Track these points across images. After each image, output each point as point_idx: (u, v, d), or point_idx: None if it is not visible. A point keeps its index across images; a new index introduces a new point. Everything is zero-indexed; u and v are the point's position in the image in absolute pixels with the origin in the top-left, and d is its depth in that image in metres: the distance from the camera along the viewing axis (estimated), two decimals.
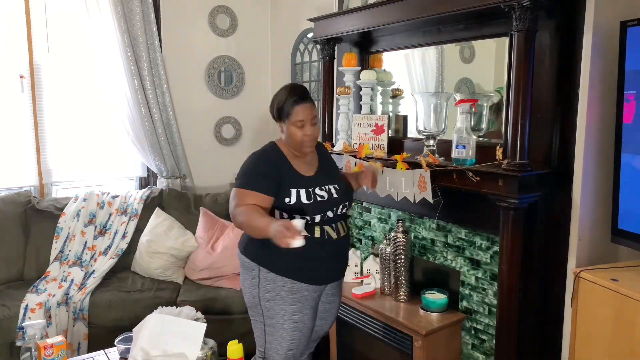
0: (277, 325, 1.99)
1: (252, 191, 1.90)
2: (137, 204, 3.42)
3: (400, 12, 2.36)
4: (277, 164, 1.98)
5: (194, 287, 3.13)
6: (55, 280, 3.00)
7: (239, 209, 1.88)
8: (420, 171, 2.22)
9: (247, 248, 2.04)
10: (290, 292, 1.97)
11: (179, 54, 3.77)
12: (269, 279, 1.97)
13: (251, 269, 2.01)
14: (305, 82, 3.71)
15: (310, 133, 1.96)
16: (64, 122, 3.48)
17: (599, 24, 1.90)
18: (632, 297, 1.64)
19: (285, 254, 1.91)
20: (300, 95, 1.95)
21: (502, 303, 2.02)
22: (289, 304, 1.97)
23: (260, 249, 1.98)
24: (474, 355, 2.39)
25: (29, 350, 1.89)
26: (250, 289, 2.03)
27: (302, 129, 1.95)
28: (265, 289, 1.98)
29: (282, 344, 2.00)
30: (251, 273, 2.01)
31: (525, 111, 1.89)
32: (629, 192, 1.85)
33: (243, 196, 1.90)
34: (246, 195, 1.90)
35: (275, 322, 1.99)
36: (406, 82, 2.79)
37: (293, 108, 1.94)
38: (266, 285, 1.98)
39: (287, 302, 1.97)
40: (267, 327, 2.01)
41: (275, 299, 1.97)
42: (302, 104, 1.94)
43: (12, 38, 3.26)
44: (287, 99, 1.94)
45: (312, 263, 1.98)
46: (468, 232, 2.37)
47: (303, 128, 1.95)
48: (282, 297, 1.97)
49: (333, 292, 2.14)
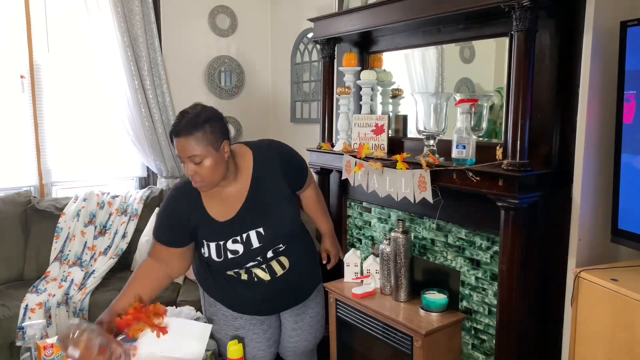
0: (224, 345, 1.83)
1: (159, 243, 1.69)
2: (137, 204, 3.42)
3: (400, 12, 2.36)
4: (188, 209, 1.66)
5: (194, 287, 3.13)
6: (55, 280, 3.00)
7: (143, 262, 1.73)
8: (420, 171, 2.22)
9: (195, 270, 1.93)
10: (232, 317, 1.86)
11: (179, 54, 3.78)
12: (211, 302, 1.89)
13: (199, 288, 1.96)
14: (305, 82, 3.71)
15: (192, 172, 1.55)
16: (64, 122, 3.48)
17: (599, 24, 1.90)
18: (632, 297, 1.64)
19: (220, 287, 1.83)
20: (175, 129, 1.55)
21: (502, 303, 2.02)
22: (232, 329, 1.86)
23: (203, 272, 1.87)
24: (474, 355, 2.40)
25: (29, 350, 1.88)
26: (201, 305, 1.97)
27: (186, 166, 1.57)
28: (209, 312, 1.90)
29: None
30: (200, 291, 1.96)
31: (525, 111, 1.89)
32: (629, 192, 1.85)
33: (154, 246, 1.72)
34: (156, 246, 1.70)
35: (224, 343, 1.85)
36: (406, 82, 2.79)
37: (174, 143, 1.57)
38: (209, 308, 1.90)
39: (230, 327, 1.87)
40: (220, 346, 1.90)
41: (218, 323, 1.88)
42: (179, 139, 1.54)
43: (12, 38, 3.26)
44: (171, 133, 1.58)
45: (247, 300, 1.83)
46: (468, 232, 2.37)
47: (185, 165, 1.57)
48: (225, 321, 1.87)
49: (298, 313, 1.96)
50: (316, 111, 3.62)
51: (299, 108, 3.80)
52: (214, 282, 1.85)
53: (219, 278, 1.85)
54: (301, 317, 2.00)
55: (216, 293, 1.87)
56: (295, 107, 3.84)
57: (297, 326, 2.01)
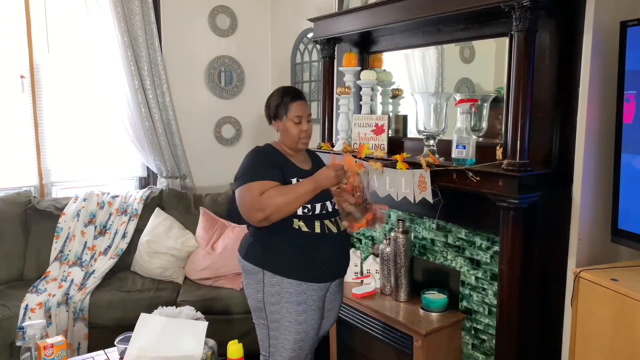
0: (281, 328, 1.99)
1: (264, 181, 1.92)
2: (137, 204, 3.42)
3: (400, 12, 2.36)
4: (276, 157, 2.05)
5: (194, 287, 3.13)
6: (55, 280, 3.00)
7: (265, 196, 1.88)
8: (420, 171, 2.22)
9: (249, 253, 2.04)
10: (296, 293, 1.96)
11: (179, 54, 3.78)
12: (274, 282, 1.97)
13: (255, 274, 2.01)
14: (305, 82, 3.71)
15: (306, 129, 2.05)
16: (64, 122, 3.48)
17: (599, 24, 1.90)
18: (632, 297, 1.64)
19: (289, 255, 1.96)
20: (296, 93, 2.07)
21: (502, 303, 2.02)
22: (294, 306, 1.97)
23: (264, 252, 2.00)
24: (474, 355, 2.39)
25: (29, 350, 1.88)
26: (255, 294, 2.03)
27: (298, 125, 2.03)
28: (269, 293, 1.98)
29: (286, 347, 1.99)
30: (255, 278, 2.01)
31: (525, 111, 1.89)
32: (629, 192, 1.85)
33: (259, 187, 1.91)
34: (261, 185, 1.91)
35: (280, 326, 1.99)
36: (406, 82, 2.79)
37: (291, 105, 2.03)
38: (271, 289, 1.98)
39: (292, 304, 1.96)
40: (271, 331, 2.01)
41: (280, 302, 1.97)
42: (299, 101, 2.05)
43: (12, 38, 3.26)
44: (284, 96, 2.04)
45: (316, 260, 1.99)
46: (468, 232, 2.37)
47: (300, 124, 2.03)
48: (288, 299, 1.96)
49: (335, 290, 2.14)
50: (316, 111, 3.62)
51: None
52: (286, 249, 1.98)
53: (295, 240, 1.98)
54: (335, 297, 2.15)
55: (285, 266, 1.97)
56: None
57: (331, 306, 2.14)
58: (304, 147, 2.08)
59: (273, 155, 2.05)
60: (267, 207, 1.87)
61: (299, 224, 1.97)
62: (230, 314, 2.94)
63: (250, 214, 1.92)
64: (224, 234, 3.30)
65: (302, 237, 1.97)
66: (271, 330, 2.01)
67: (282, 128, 2.06)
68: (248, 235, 2.09)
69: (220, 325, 2.75)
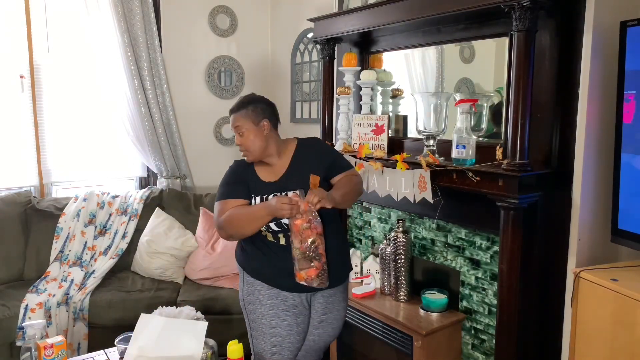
0: (258, 329, 2.01)
1: (229, 199, 1.95)
2: (137, 204, 3.42)
3: (400, 12, 2.36)
4: (243, 172, 2.03)
5: (194, 287, 3.13)
6: (55, 280, 3.00)
7: (225, 217, 1.90)
8: (420, 171, 2.22)
9: (236, 253, 2.12)
10: (268, 297, 1.98)
11: (179, 54, 3.78)
12: (250, 282, 2.02)
13: (240, 273, 2.09)
14: (305, 82, 3.71)
15: (239, 143, 2.01)
16: (64, 122, 3.48)
17: (599, 24, 1.90)
18: (632, 297, 1.64)
19: (259, 260, 1.99)
20: (234, 106, 2.06)
21: (502, 303, 2.02)
22: (267, 309, 1.98)
23: (242, 253, 2.07)
24: (474, 355, 2.40)
25: (29, 350, 1.88)
26: (239, 293, 2.11)
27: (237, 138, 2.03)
28: (247, 292, 2.04)
29: (265, 348, 2.01)
30: (240, 276, 2.09)
31: (525, 111, 1.89)
32: (628, 192, 1.85)
33: (224, 205, 1.94)
34: (226, 204, 1.95)
35: (257, 326, 2.01)
36: (406, 82, 2.79)
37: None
38: (248, 288, 2.03)
39: (265, 306, 1.98)
40: (252, 330, 2.05)
41: (254, 303, 2.01)
42: (233, 115, 2.04)
43: (12, 38, 3.26)
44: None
45: (282, 270, 1.93)
46: (468, 232, 2.37)
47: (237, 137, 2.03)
48: (261, 302, 1.99)
49: (327, 302, 2.05)
50: (316, 111, 3.62)
51: (299, 108, 3.80)
52: (255, 254, 2.00)
53: (261, 246, 1.98)
54: (330, 308, 2.06)
55: (255, 269, 2.00)
56: (295, 107, 3.84)
57: (325, 317, 2.07)
58: (249, 159, 2.02)
59: (241, 170, 2.04)
60: (226, 228, 1.90)
61: (266, 233, 1.97)
62: (230, 314, 2.94)
63: (217, 231, 1.98)
64: None
65: (269, 247, 1.98)
66: (252, 330, 2.05)
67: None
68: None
69: (220, 325, 2.75)
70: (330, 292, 2.04)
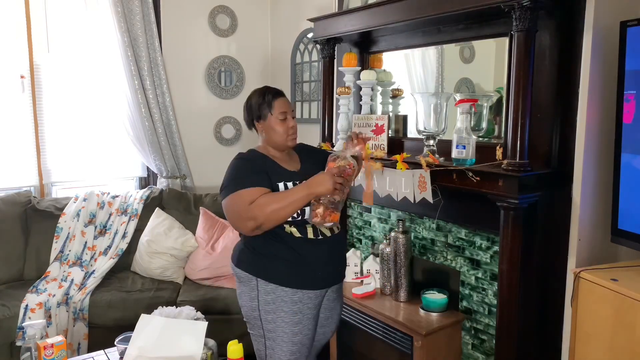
0: (277, 339, 1.92)
1: (252, 188, 1.84)
2: (137, 204, 3.42)
3: (400, 12, 2.36)
4: (261, 162, 1.97)
5: (194, 287, 3.13)
6: (55, 280, 3.00)
7: (255, 204, 1.80)
8: (420, 171, 2.22)
9: (241, 260, 1.98)
10: (291, 302, 1.90)
11: (179, 54, 3.78)
12: (269, 290, 1.90)
13: (248, 282, 1.95)
14: (305, 82, 3.71)
15: (292, 124, 2.00)
16: (64, 122, 3.48)
17: (599, 24, 1.90)
18: (632, 297, 1.64)
19: (282, 261, 1.90)
20: (277, 91, 2.03)
21: (502, 303, 2.02)
22: (289, 316, 1.90)
23: (256, 259, 1.94)
24: (474, 355, 2.40)
25: (29, 350, 1.89)
26: (249, 303, 1.95)
27: (284, 122, 1.98)
28: (265, 302, 1.91)
29: (282, 357, 1.94)
30: (249, 286, 1.95)
31: (525, 111, 1.89)
32: (628, 192, 1.85)
33: (248, 195, 1.83)
34: (250, 193, 1.83)
35: (276, 336, 1.92)
36: (406, 82, 2.79)
37: (274, 102, 1.98)
38: (266, 297, 1.91)
39: (287, 313, 1.90)
40: (267, 340, 1.95)
41: (275, 311, 1.90)
42: (282, 98, 2.01)
43: (12, 38, 3.26)
44: (265, 95, 2.00)
45: (311, 266, 1.91)
46: (468, 232, 2.37)
47: (285, 121, 1.98)
48: (282, 308, 1.90)
49: (333, 298, 2.07)
50: (316, 111, 3.63)
51: (299, 108, 3.80)
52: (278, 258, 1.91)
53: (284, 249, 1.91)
54: (334, 304, 2.09)
55: (278, 273, 1.91)
56: (295, 107, 3.84)
57: (330, 314, 2.09)
58: (293, 143, 2.01)
59: (258, 161, 1.97)
60: (258, 215, 1.80)
61: (290, 229, 1.89)
62: (230, 314, 2.94)
63: (241, 224, 1.86)
64: (224, 234, 3.30)
65: (295, 243, 1.90)
66: (267, 340, 1.95)
67: (267, 128, 1.99)
68: (240, 242, 2.03)
69: (220, 325, 2.74)
70: (336, 288, 2.07)
